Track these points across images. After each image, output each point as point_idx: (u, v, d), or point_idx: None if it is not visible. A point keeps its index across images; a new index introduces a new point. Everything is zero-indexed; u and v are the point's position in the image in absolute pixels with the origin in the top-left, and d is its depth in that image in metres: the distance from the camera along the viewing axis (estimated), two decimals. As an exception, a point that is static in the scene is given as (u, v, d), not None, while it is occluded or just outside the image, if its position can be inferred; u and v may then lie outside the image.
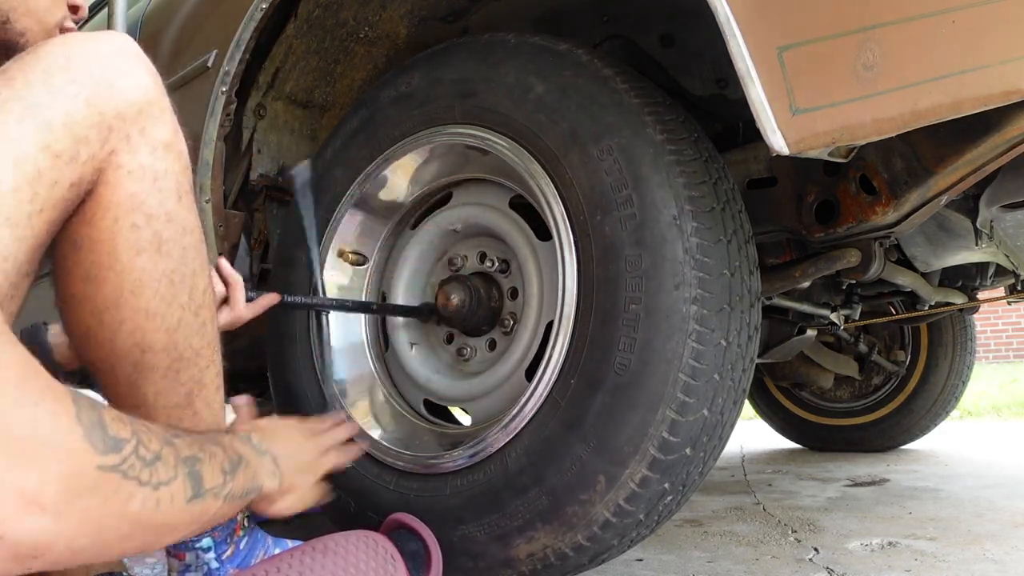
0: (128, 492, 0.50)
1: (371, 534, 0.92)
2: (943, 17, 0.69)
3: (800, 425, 2.96)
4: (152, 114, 0.72)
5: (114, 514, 0.50)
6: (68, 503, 0.46)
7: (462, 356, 1.22)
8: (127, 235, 0.70)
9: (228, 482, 0.65)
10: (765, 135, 0.79)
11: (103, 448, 0.48)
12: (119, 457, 0.49)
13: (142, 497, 0.52)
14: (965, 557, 1.27)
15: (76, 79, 0.66)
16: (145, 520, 0.53)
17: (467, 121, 1.11)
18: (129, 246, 0.70)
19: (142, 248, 0.71)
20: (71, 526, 0.46)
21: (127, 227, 0.70)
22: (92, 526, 0.48)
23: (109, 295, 0.71)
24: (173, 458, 0.56)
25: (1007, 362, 8.11)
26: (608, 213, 0.94)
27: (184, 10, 1.56)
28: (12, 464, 0.43)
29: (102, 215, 0.69)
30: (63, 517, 0.46)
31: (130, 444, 0.51)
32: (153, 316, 0.72)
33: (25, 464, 0.43)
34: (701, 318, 0.89)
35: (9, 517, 0.43)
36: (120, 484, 0.49)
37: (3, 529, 0.42)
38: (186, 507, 0.57)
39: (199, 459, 0.60)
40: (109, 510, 0.49)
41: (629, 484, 0.90)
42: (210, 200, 1.32)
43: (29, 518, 0.44)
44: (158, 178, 0.72)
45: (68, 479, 0.45)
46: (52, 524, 0.45)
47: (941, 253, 1.55)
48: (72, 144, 0.65)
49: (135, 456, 0.51)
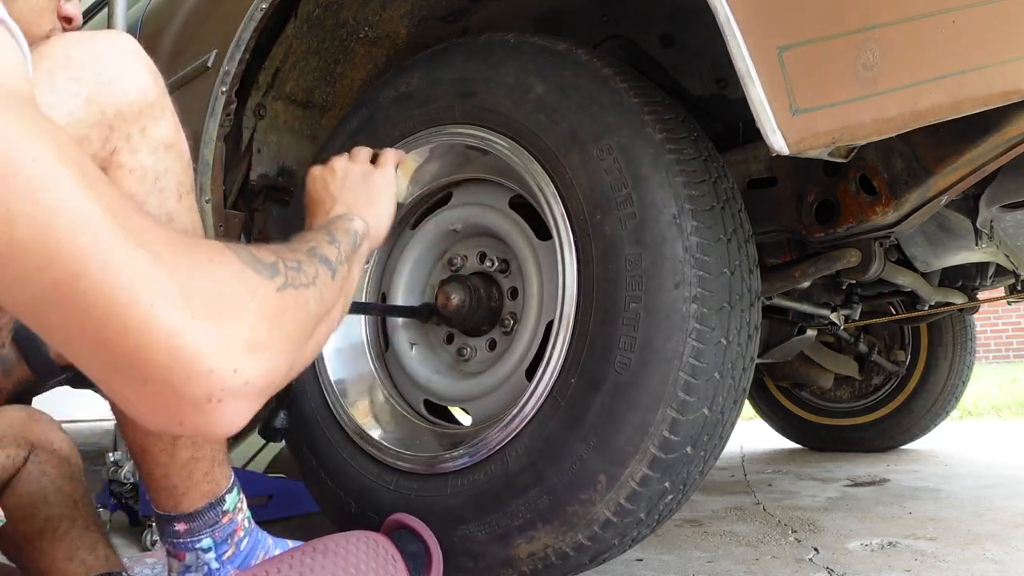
0: (304, 298, 0.55)
1: (371, 535, 0.92)
2: (943, 17, 0.69)
3: (800, 425, 2.96)
4: (153, 114, 0.72)
5: (302, 321, 0.55)
6: (276, 330, 0.50)
7: (462, 356, 1.22)
8: None
9: (339, 247, 0.69)
10: (765, 135, 0.79)
11: (270, 274, 0.53)
12: (283, 277, 0.54)
13: (313, 296, 0.57)
14: (965, 557, 1.27)
15: (77, 78, 0.66)
16: (321, 313, 0.59)
17: (467, 121, 1.11)
18: None
19: None
20: (284, 348, 0.51)
21: None
22: (294, 340, 0.53)
23: None
24: (305, 256, 0.61)
25: (1007, 362, 8.11)
26: (608, 212, 0.94)
27: (184, 10, 1.56)
28: (225, 322, 0.46)
29: None
30: (278, 345, 0.50)
31: (281, 262, 0.55)
32: None
33: (232, 319, 0.47)
34: (701, 317, 0.89)
35: (245, 363, 0.46)
36: (295, 296, 0.54)
37: (246, 375, 0.46)
38: (334, 284, 0.63)
39: (315, 248, 0.65)
40: (299, 320, 0.54)
41: (630, 483, 0.90)
42: (210, 200, 1.32)
43: (259, 360, 0.47)
44: (159, 178, 0.72)
45: (266, 312, 0.49)
46: (274, 355, 0.49)
47: (941, 253, 1.55)
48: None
49: (289, 269, 0.56)
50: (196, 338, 0.44)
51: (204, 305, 0.45)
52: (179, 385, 0.44)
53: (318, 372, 1.22)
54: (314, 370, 1.22)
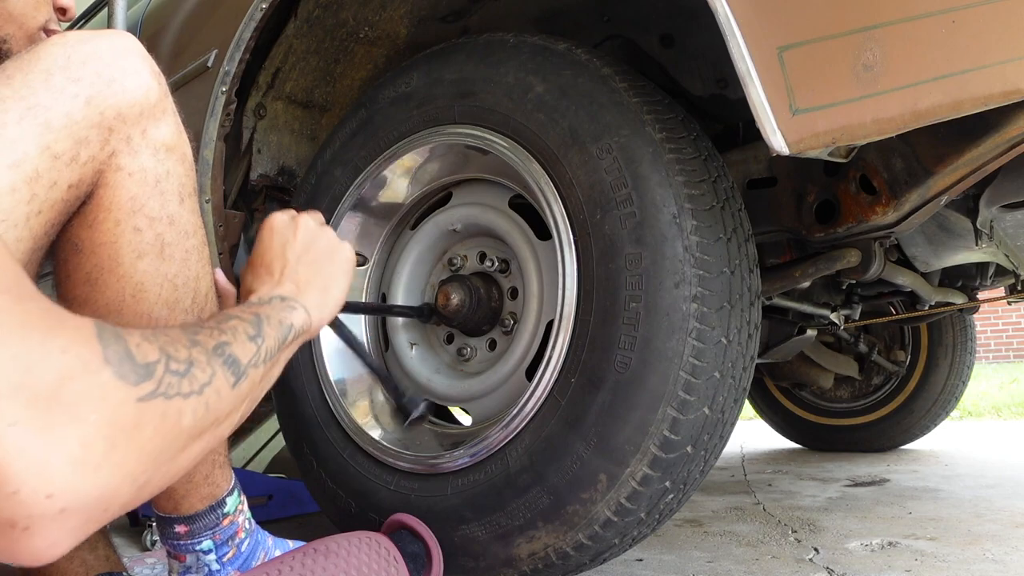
0: (176, 410, 0.48)
1: (372, 535, 0.92)
2: (943, 17, 0.69)
3: (800, 425, 2.96)
4: (154, 115, 0.71)
5: (169, 436, 0.47)
6: (118, 448, 0.43)
7: (462, 356, 1.22)
8: (129, 238, 0.69)
9: (261, 345, 0.62)
10: (765, 135, 0.79)
11: (136, 379, 0.45)
12: (154, 382, 0.46)
13: (191, 408, 0.49)
14: (965, 557, 1.27)
15: (76, 79, 0.65)
16: (201, 426, 0.51)
17: (466, 121, 1.11)
18: (131, 250, 0.69)
19: (144, 252, 0.70)
20: (130, 467, 0.44)
21: (129, 230, 0.69)
22: (151, 457, 0.45)
23: (111, 299, 0.70)
24: (204, 356, 0.53)
25: (1007, 362, 8.11)
26: (608, 212, 0.94)
27: (184, 10, 1.56)
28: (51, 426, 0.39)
29: (103, 218, 0.68)
30: (120, 463, 0.43)
31: (161, 364, 0.48)
32: (155, 321, 0.72)
33: (64, 423, 0.40)
34: (701, 316, 0.89)
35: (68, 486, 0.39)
36: (165, 407, 0.47)
37: (67, 501, 0.39)
38: (234, 392, 0.56)
39: (227, 343, 0.57)
40: (163, 435, 0.47)
41: (630, 482, 0.90)
42: (210, 200, 1.32)
43: (86, 480, 0.40)
44: (160, 180, 0.71)
45: (111, 425, 0.42)
46: (111, 474, 0.42)
47: (941, 253, 1.55)
48: (72, 145, 0.64)
49: (169, 373, 0.48)
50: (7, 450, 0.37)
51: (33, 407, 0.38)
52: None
53: (318, 372, 1.22)
54: (314, 370, 1.22)
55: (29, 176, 0.61)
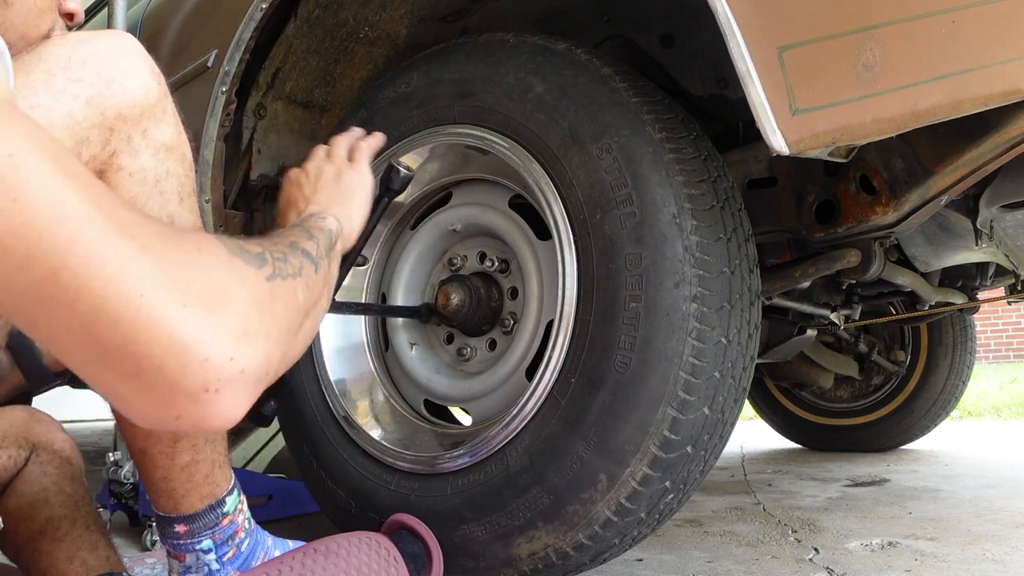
0: (292, 288, 0.56)
1: (373, 535, 0.92)
2: (943, 17, 0.69)
3: (800, 425, 2.96)
4: (155, 115, 0.71)
5: (292, 311, 0.55)
6: (268, 319, 0.50)
7: (462, 356, 1.22)
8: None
9: (318, 243, 0.69)
10: (765, 135, 0.79)
11: (258, 264, 0.52)
12: (271, 267, 0.54)
13: (300, 287, 0.57)
14: (965, 557, 1.27)
15: (77, 79, 0.66)
16: (308, 304, 0.59)
17: (466, 121, 1.11)
18: None
19: None
20: (276, 337, 0.50)
21: None
22: (286, 327, 0.53)
23: None
24: (288, 249, 0.61)
25: (1007, 362, 8.11)
26: (608, 212, 0.94)
27: (184, 10, 1.56)
28: (216, 313, 0.45)
29: None
30: (270, 333, 0.49)
31: (267, 253, 0.56)
32: None
33: (224, 307, 0.46)
34: (701, 316, 0.89)
35: (240, 351, 0.46)
36: (284, 286, 0.54)
37: (242, 363, 0.46)
38: (317, 277, 0.63)
39: (295, 242, 0.65)
40: (289, 310, 0.54)
41: (630, 482, 0.90)
42: (210, 200, 1.32)
43: (252, 348, 0.47)
44: (160, 180, 0.72)
45: (257, 301, 0.49)
46: (267, 344, 0.49)
47: (941, 253, 1.55)
48: (73, 145, 0.64)
49: (275, 260, 0.56)
50: (189, 327, 0.43)
51: (195, 294, 0.44)
52: (174, 376, 0.43)
53: (318, 372, 1.22)
54: (314, 370, 1.22)
55: None
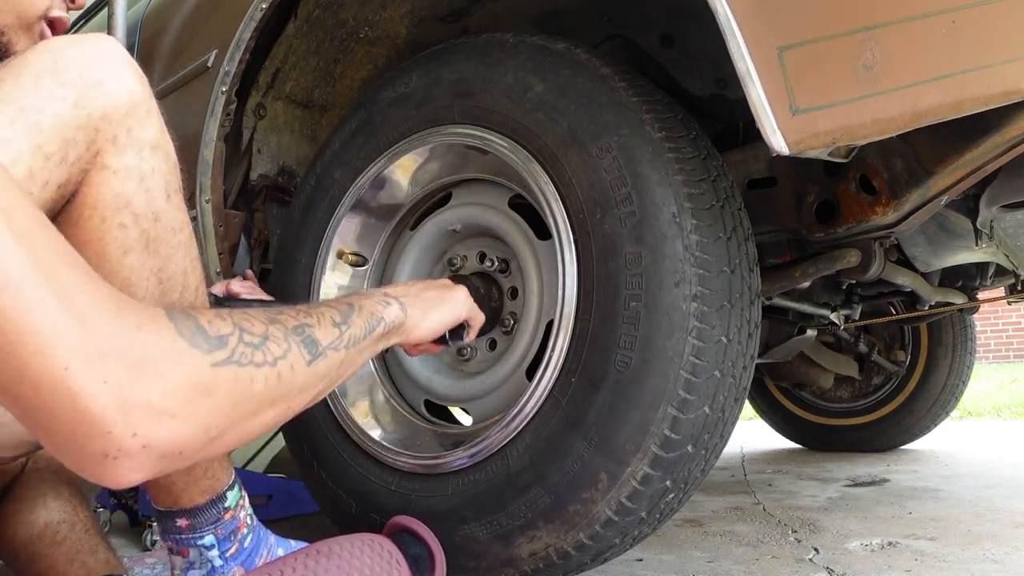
0: (248, 376, 0.55)
1: (376, 537, 0.92)
2: (943, 17, 0.69)
3: (800, 425, 2.96)
4: (138, 115, 0.73)
5: (241, 399, 0.55)
6: (194, 403, 0.51)
7: (462, 356, 1.22)
8: (115, 234, 0.71)
9: (345, 331, 0.69)
10: (765, 135, 0.79)
11: (209, 348, 0.53)
12: (227, 351, 0.54)
13: (263, 376, 0.57)
14: (965, 557, 1.27)
15: (64, 82, 0.67)
16: (273, 393, 0.58)
17: (466, 121, 1.11)
18: (117, 245, 0.71)
19: (130, 247, 0.72)
20: (203, 421, 0.52)
21: (115, 226, 0.71)
22: (223, 415, 0.53)
23: None
24: (281, 333, 0.61)
25: (1007, 362, 8.11)
26: (608, 211, 0.94)
27: (184, 10, 1.56)
28: (136, 381, 0.48)
29: (89, 215, 0.70)
30: (193, 416, 0.51)
31: (234, 336, 0.56)
32: None
33: (148, 379, 0.48)
34: (702, 315, 0.89)
35: (146, 428, 0.48)
36: (237, 372, 0.54)
37: (144, 440, 0.48)
38: (310, 369, 0.62)
39: (308, 324, 0.64)
40: (235, 397, 0.54)
41: (631, 482, 0.90)
42: (210, 200, 1.32)
43: (162, 426, 0.49)
44: (145, 178, 0.73)
45: (188, 384, 0.50)
46: (185, 425, 0.50)
47: (941, 253, 1.55)
48: (61, 146, 0.66)
49: (242, 344, 0.56)
50: (101, 401, 0.46)
51: (118, 371, 0.47)
52: (81, 440, 0.46)
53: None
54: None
55: (23, 176, 0.63)
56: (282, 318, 0.63)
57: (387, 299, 0.80)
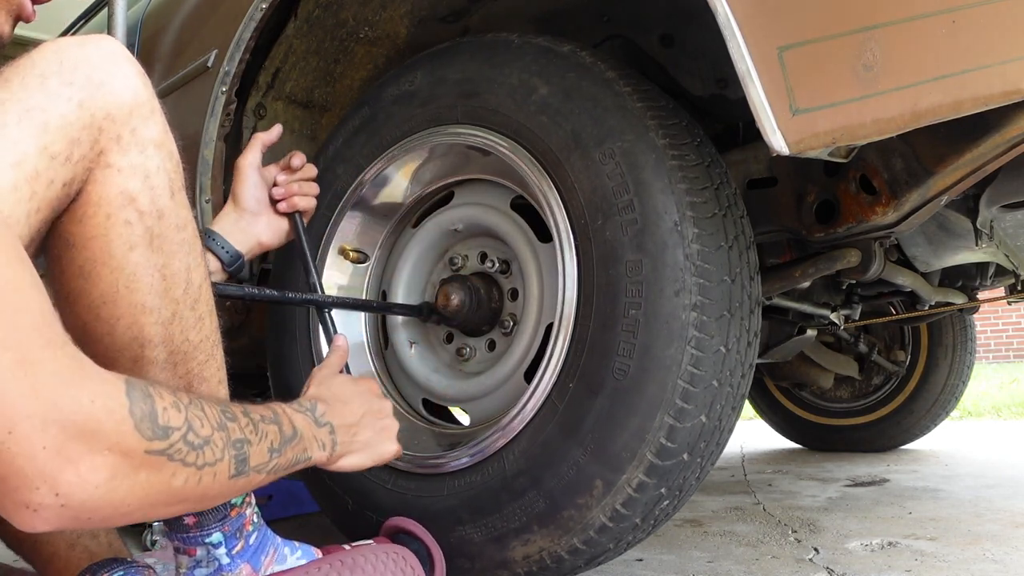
0: (171, 471, 0.59)
1: (399, 549, 0.93)
2: (943, 17, 0.69)
3: (800, 425, 2.96)
4: (142, 115, 0.74)
5: (159, 488, 0.58)
6: (116, 480, 0.55)
7: (461, 356, 1.21)
8: (120, 231, 0.72)
9: (274, 459, 0.72)
10: (765, 135, 0.79)
11: (151, 435, 0.56)
12: (166, 443, 0.58)
13: (185, 475, 0.60)
14: (965, 557, 1.27)
15: (70, 83, 0.68)
16: (188, 493, 0.61)
17: (469, 121, 1.10)
18: (122, 242, 0.72)
19: (135, 244, 0.73)
20: (120, 496, 0.56)
21: (120, 223, 0.72)
22: (138, 496, 0.57)
23: (105, 291, 0.73)
24: (222, 442, 0.64)
25: (1007, 362, 8.11)
26: (609, 217, 0.93)
27: (184, 10, 1.56)
28: (71, 449, 0.52)
29: (94, 212, 0.71)
30: (112, 491, 0.55)
31: (179, 431, 0.59)
32: (149, 311, 0.74)
33: (82, 450, 0.52)
34: (701, 324, 0.89)
35: (67, 491, 0.52)
36: (165, 465, 0.58)
37: (64, 500, 0.53)
38: (228, 482, 0.65)
39: (248, 441, 0.67)
40: (154, 484, 0.58)
41: (626, 489, 0.90)
42: (210, 200, 1.32)
43: (85, 493, 0.53)
44: (149, 175, 0.74)
45: (117, 462, 0.54)
46: (103, 497, 0.54)
47: (941, 253, 1.54)
48: (67, 145, 0.67)
49: (183, 442, 0.59)
50: (37, 464, 0.51)
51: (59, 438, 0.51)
52: (8, 491, 0.52)
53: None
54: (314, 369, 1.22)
55: (29, 175, 0.64)
56: (232, 426, 0.66)
57: (329, 439, 0.84)
